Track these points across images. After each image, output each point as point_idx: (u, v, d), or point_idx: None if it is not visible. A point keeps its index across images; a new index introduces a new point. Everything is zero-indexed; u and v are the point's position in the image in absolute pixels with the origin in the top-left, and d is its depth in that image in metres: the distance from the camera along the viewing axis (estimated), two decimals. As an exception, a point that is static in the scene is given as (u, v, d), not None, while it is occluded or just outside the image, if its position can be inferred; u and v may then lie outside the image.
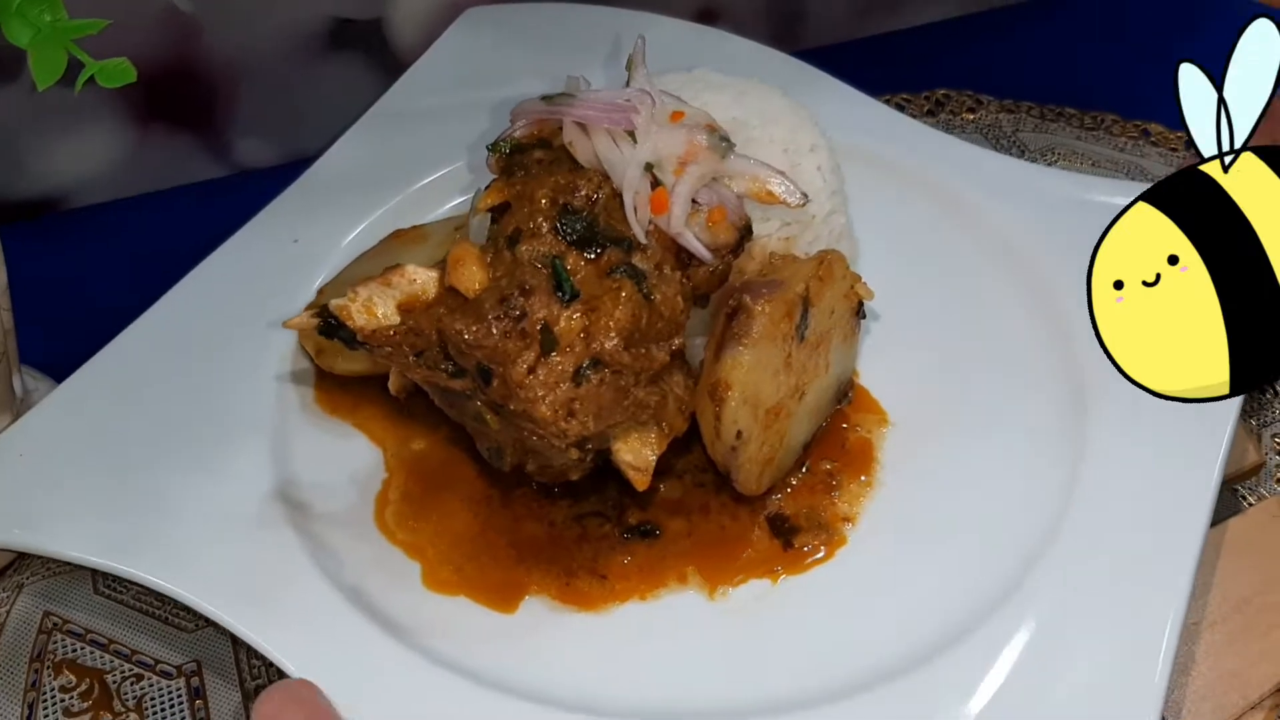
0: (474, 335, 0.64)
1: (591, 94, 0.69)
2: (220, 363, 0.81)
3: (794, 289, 0.71)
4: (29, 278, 1.02)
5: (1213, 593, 0.73)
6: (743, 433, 0.70)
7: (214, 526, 0.72)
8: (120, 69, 0.56)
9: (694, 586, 0.72)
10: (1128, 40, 1.23)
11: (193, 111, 1.07)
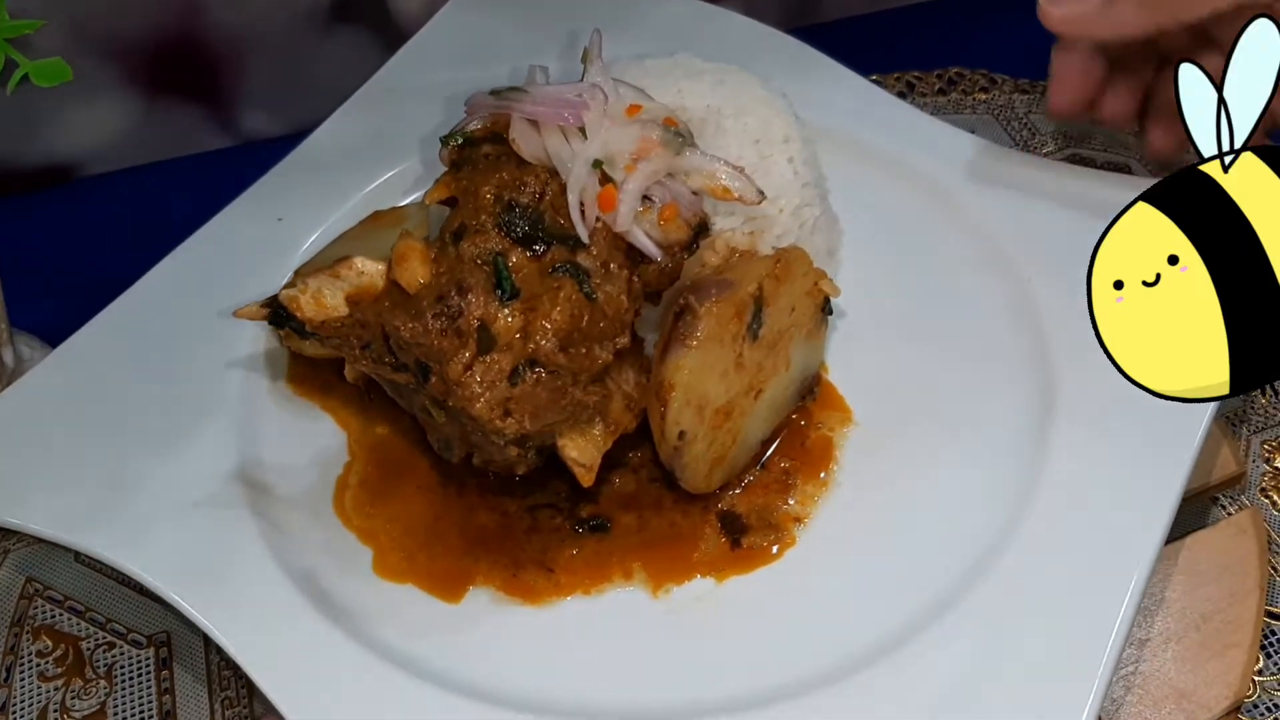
0: (411, 332, 0.65)
1: (542, 89, 0.69)
2: (196, 343, 0.82)
3: (745, 289, 0.70)
4: (40, 246, 1.05)
5: (1171, 608, 0.72)
6: (685, 433, 0.69)
7: (175, 504, 0.74)
8: (55, 68, 0.57)
9: (639, 583, 0.72)
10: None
11: (199, 83, 1.08)
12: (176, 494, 0.74)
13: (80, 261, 1.03)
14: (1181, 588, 0.72)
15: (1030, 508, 0.71)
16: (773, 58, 0.96)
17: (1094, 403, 0.74)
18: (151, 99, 1.07)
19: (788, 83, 0.91)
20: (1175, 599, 0.72)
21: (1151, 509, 0.69)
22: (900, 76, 1.10)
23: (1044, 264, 0.82)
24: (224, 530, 0.73)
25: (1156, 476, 0.70)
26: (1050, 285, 0.81)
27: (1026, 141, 1.05)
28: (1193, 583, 0.72)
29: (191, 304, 0.84)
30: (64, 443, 0.76)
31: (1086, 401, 0.75)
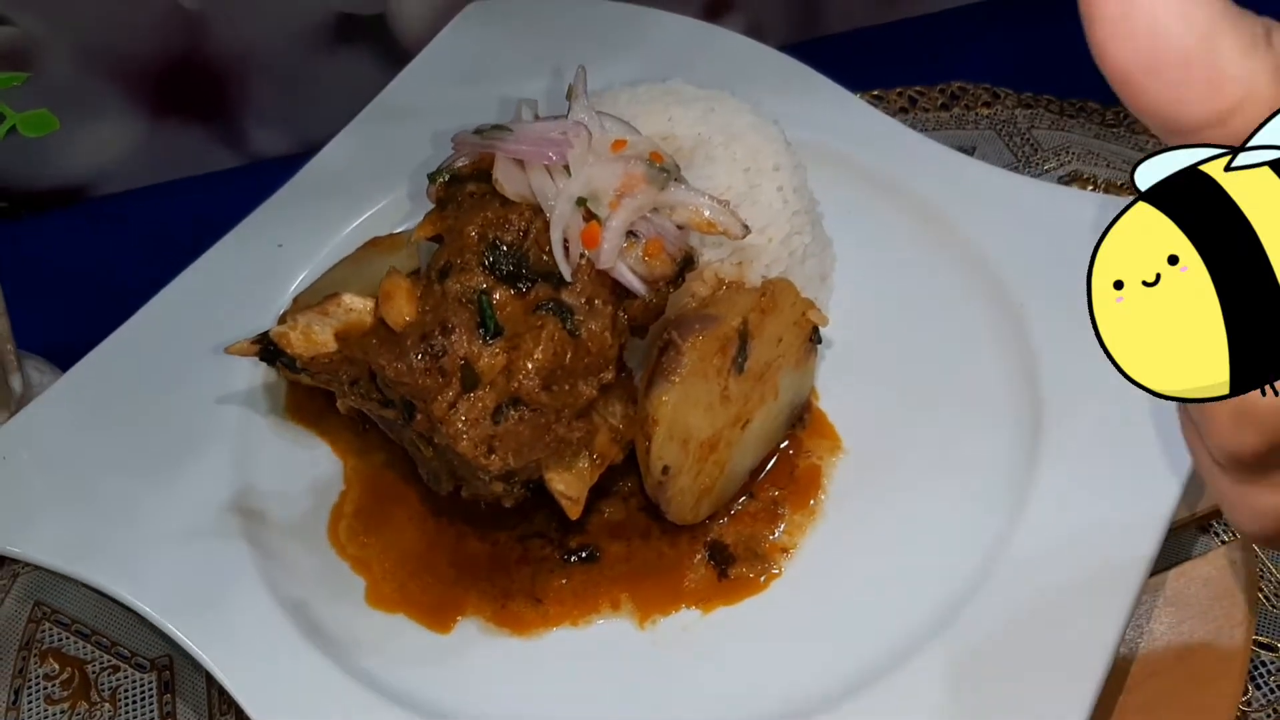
0: (395, 371, 0.66)
1: (526, 127, 0.69)
2: (196, 371, 0.83)
3: (729, 323, 0.71)
4: (52, 265, 1.07)
5: (1159, 640, 0.72)
6: (669, 468, 0.70)
7: (172, 534, 0.75)
8: (41, 119, 0.58)
9: (626, 614, 0.73)
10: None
11: (206, 104, 1.09)
12: (173, 523, 0.76)
13: (91, 280, 1.06)
14: (1170, 619, 0.72)
15: (1016, 537, 0.71)
16: (770, 77, 0.96)
17: (1081, 434, 0.74)
18: (158, 119, 1.09)
19: (784, 103, 0.91)
20: (1162, 631, 0.72)
21: (1137, 540, 0.68)
22: (903, 91, 1.10)
23: (1038, 291, 0.82)
24: (219, 560, 0.74)
25: (1142, 509, 0.70)
26: (1043, 314, 0.81)
27: (1029, 157, 1.04)
28: (1181, 615, 0.72)
29: (192, 332, 0.85)
30: (66, 472, 0.78)
31: (1074, 433, 0.75)
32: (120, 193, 1.12)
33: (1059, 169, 1.03)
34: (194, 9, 1.02)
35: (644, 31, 1.03)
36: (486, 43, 1.03)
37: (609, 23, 1.03)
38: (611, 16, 1.04)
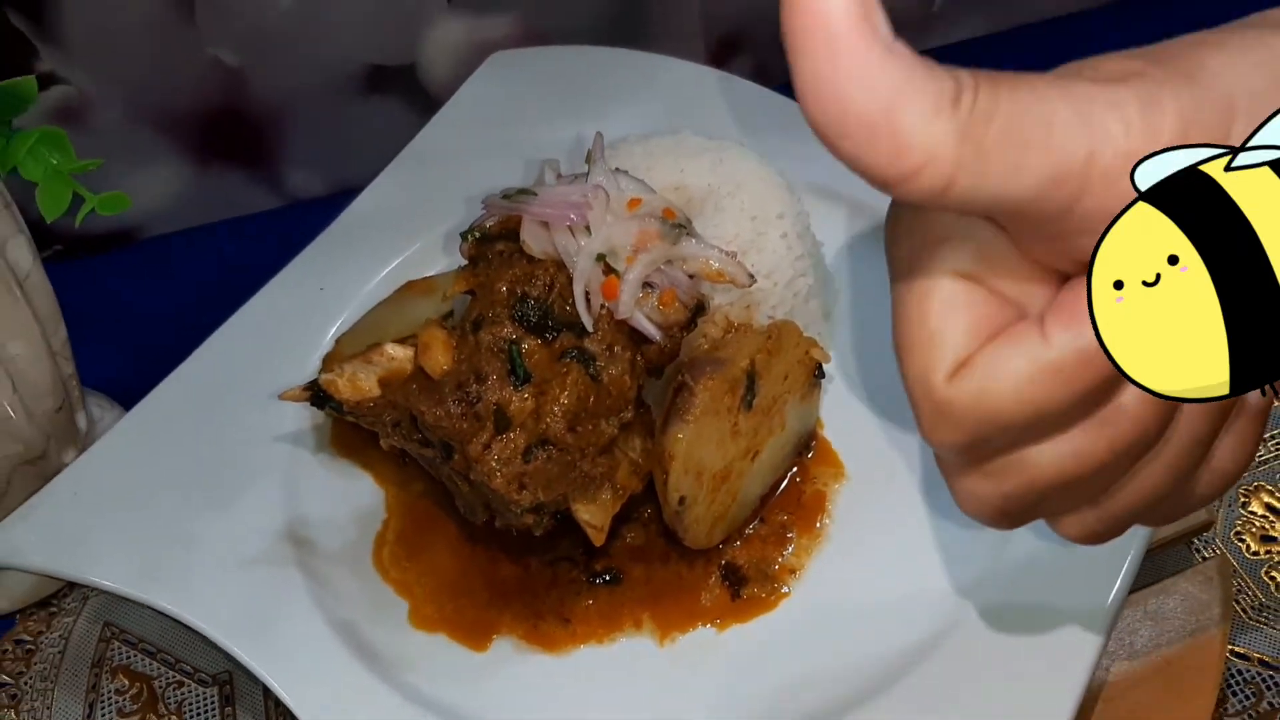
0: (434, 417, 0.72)
1: (549, 191, 0.76)
2: (248, 408, 0.90)
3: (738, 365, 0.77)
4: (103, 305, 1.14)
5: (1138, 653, 0.77)
6: (685, 499, 0.76)
7: (230, 561, 0.82)
8: (115, 199, 0.65)
9: (647, 632, 0.79)
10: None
11: (246, 150, 1.16)
12: (231, 551, 0.82)
13: (141, 317, 1.13)
14: (1148, 634, 0.78)
15: (1005, 557, 0.77)
16: (773, 120, 1.02)
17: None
18: (203, 165, 1.16)
19: (786, 145, 0.97)
20: (1141, 645, 0.78)
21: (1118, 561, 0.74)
22: (904, 126, 1.16)
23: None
24: (274, 584, 0.81)
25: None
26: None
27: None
28: (1161, 628, 0.78)
29: (244, 371, 0.92)
30: (131, 505, 0.85)
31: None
32: (168, 234, 1.19)
33: (1052, 200, 1.08)
34: (235, 64, 1.09)
35: (656, 77, 1.09)
36: (509, 90, 1.09)
37: (623, 70, 1.10)
38: (625, 63, 1.10)
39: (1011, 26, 1.28)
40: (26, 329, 0.83)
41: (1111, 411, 0.46)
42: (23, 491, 0.86)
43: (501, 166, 1.03)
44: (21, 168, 0.65)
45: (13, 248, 0.83)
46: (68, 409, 0.90)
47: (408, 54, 1.13)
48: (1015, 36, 1.28)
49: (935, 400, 0.46)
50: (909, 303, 0.50)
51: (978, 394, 0.45)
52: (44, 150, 0.64)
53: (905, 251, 0.50)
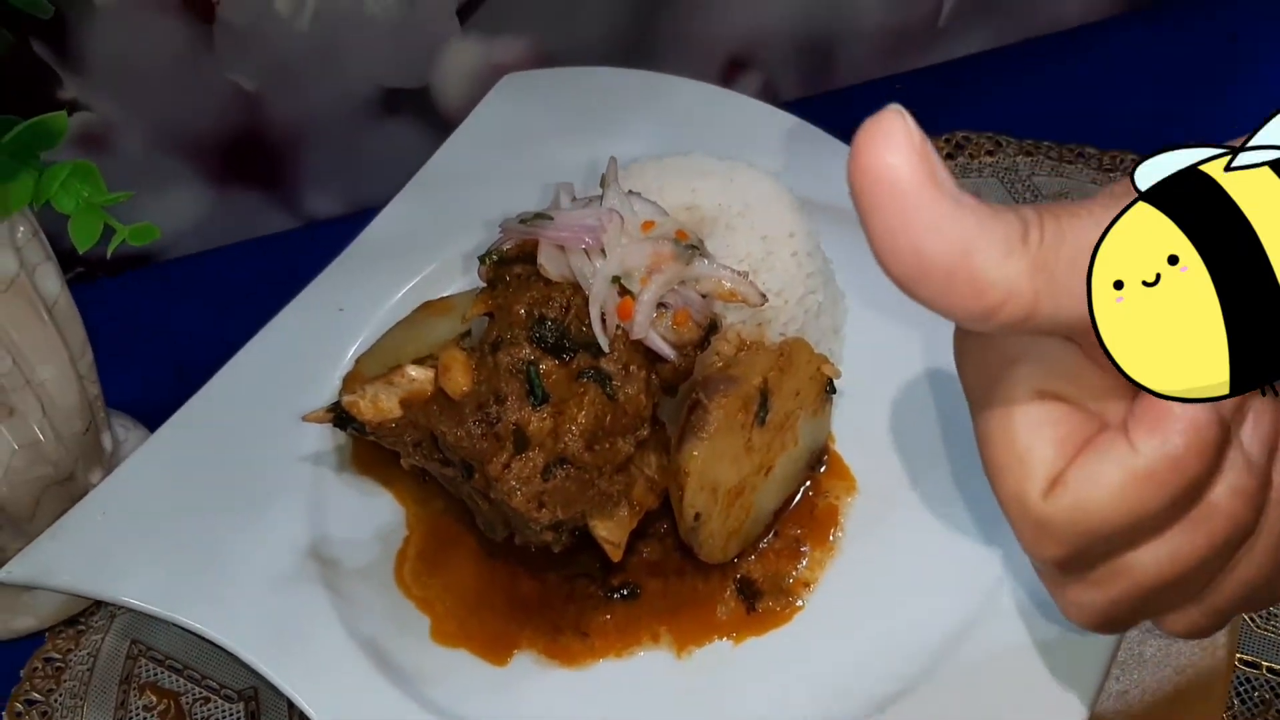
0: (455, 437, 0.74)
1: (565, 215, 0.78)
2: (270, 428, 0.92)
3: (750, 383, 0.79)
4: (126, 325, 1.16)
5: (1148, 662, 0.79)
6: (700, 514, 0.78)
7: (255, 579, 0.83)
8: (145, 230, 0.67)
9: (665, 645, 0.81)
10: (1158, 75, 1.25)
11: (265, 172, 1.18)
12: (256, 569, 0.84)
13: (164, 339, 1.14)
14: (1157, 643, 0.79)
15: (1015, 570, 0.79)
16: (782, 138, 1.04)
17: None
18: (223, 187, 1.18)
19: (795, 163, 1.00)
20: (1151, 654, 0.79)
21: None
22: (911, 142, 1.17)
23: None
24: (298, 601, 0.83)
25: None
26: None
27: (1029, 203, 1.11)
28: (1168, 638, 0.79)
29: (266, 392, 0.94)
30: (158, 525, 0.86)
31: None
32: (189, 255, 1.21)
33: (1058, 214, 1.10)
34: (253, 89, 1.11)
35: (666, 97, 1.11)
36: (522, 111, 1.11)
37: (633, 90, 1.12)
38: (636, 84, 1.12)
39: (1017, 40, 1.30)
40: (55, 353, 0.85)
41: (1204, 509, 0.48)
42: (51, 512, 0.88)
43: (515, 187, 1.04)
44: (55, 201, 0.67)
45: (41, 274, 0.85)
46: (94, 430, 0.92)
47: (421, 77, 1.15)
48: (1021, 50, 1.30)
49: (1034, 518, 0.48)
50: (993, 425, 0.51)
51: (1074, 507, 0.47)
52: (76, 184, 0.66)
53: (980, 377, 0.52)
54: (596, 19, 1.16)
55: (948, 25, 1.26)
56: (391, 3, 1.09)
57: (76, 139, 1.09)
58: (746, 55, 1.23)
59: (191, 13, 1.05)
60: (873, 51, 1.25)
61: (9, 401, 0.82)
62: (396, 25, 1.11)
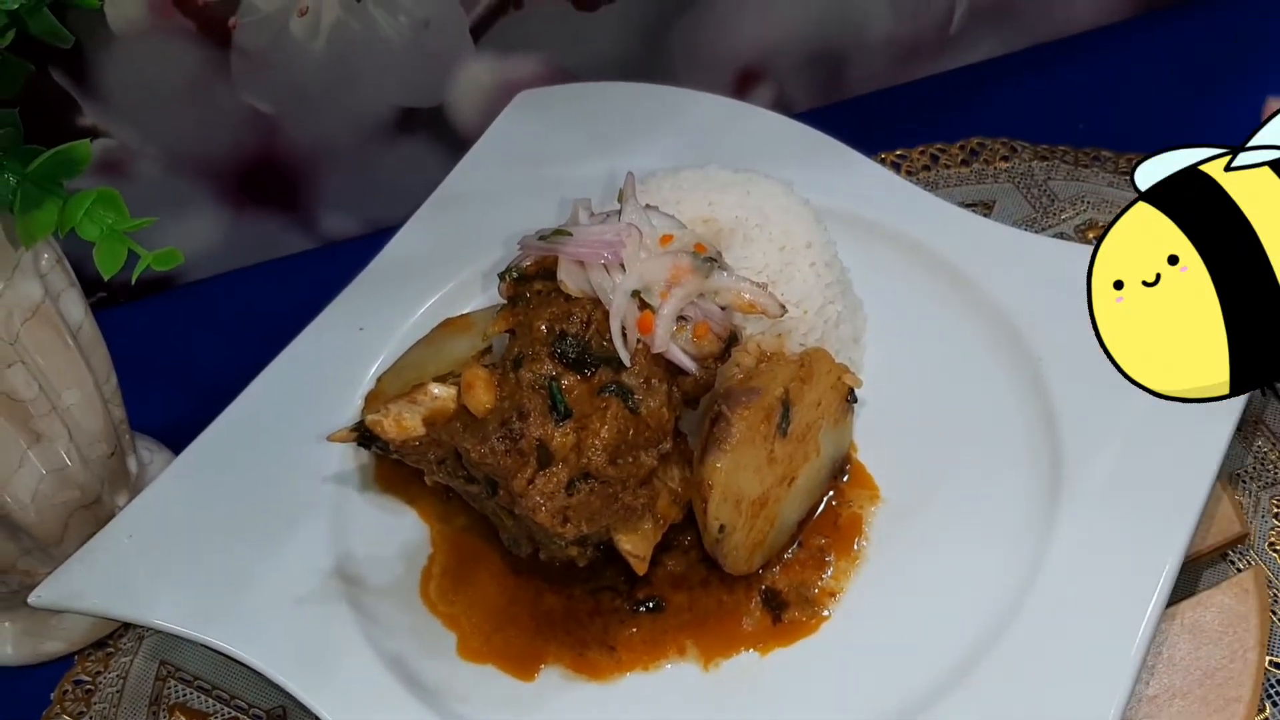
0: (479, 454, 0.74)
1: (584, 230, 0.78)
2: (293, 449, 0.92)
3: (772, 394, 0.79)
4: (149, 348, 1.17)
5: (1177, 666, 0.78)
6: (725, 526, 0.78)
7: (282, 599, 0.84)
8: (169, 255, 0.68)
9: (691, 658, 0.81)
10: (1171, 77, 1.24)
11: (282, 194, 1.19)
12: (283, 589, 0.84)
13: (185, 361, 1.15)
14: (1186, 646, 0.79)
15: (1042, 576, 0.79)
16: (797, 149, 1.05)
17: (1099, 476, 0.82)
18: (240, 210, 1.19)
19: (811, 173, 1.00)
20: (1180, 657, 0.78)
21: (1151, 576, 0.76)
22: (925, 150, 1.18)
23: (1054, 343, 0.89)
24: (325, 620, 0.83)
25: (1159, 544, 0.77)
26: (1058, 364, 0.88)
27: (1046, 208, 1.11)
28: (1197, 641, 0.79)
29: (289, 413, 0.94)
30: (184, 547, 0.87)
31: (1092, 475, 0.82)
32: (209, 278, 1.22)
33: (1074, 218, 1.10)
34: (270, 111, 1.12)
35: (680, 110, 1.11)
36: (536, 128, 1.11)
37: (647, 104, 1.12)
38: (649, 98, 1.12)
39: (1026, 46, 1.30)
40: (80, 379, 0.86)
41: None
42: (79, 536, 0.88)
43: (532, 203, 1.05)
44: (80, 229, 0.68)
45: (65, 301, 0.86)
46: (120, 454, 0.93)
47: (436, 96, 1.16)
48: (1033, 55, 1.30)
49: None
50: None
51: None
52: (100, 211, 0.67)
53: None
54: (609, 35, 1.16)
55: (958, 33, 1.27)
56: (405, 23, 1.10)
57: (97, 165, 1.10)
58: (759, 67, 1.23)
59: (207, 38, 1.06)
60: (885, 60, 1.26)
61: (36, 427, 0.83)
62: (411, 45, 1.11)
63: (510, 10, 1.12)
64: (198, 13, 1.04)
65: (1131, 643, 0.73)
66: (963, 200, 1.12)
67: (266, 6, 1.05)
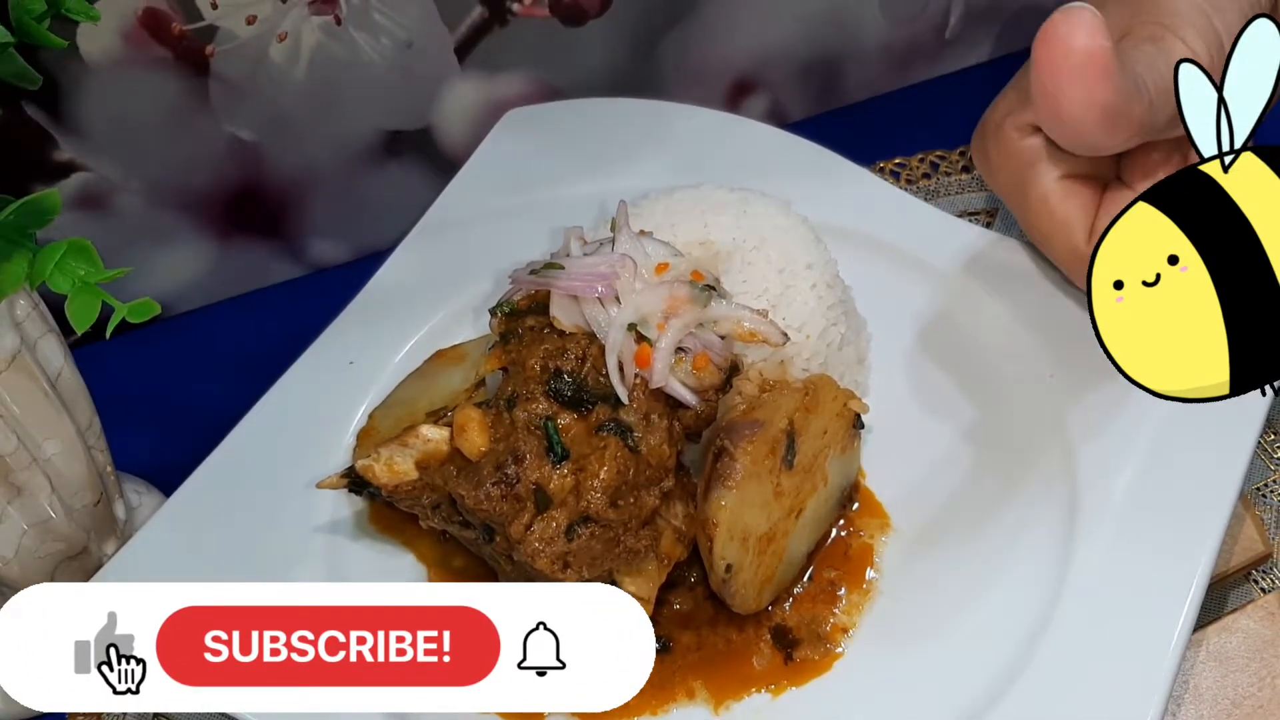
0: (474, 500, 0.72)
1: (577, 263, 0.75)
2: (285, 489, 0.90)
3: (776, 425, 0.76)
4: (134, 384, 1.14)
5: (1204, 696, 0.76)
6: (732, 566, 0.75)
7: (278, 651, 0.81)
8: (144, 306, 0.65)
9: (701, 700, 0.78)
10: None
11: (267, 222, 1.16)
12: (278, 639, 0.82)
13: (173, 397, 1.12)
14: (1212, 675, 0.76)
15: (1061, 607, 0.76)
16: (792, 163, 1.02)
17: (1115, 498, 0.79)
18: (225, 240, 1.16)
19: (807, 187, 0.97)
20: (1207, 687, 0.76)
21: (1175, 602, 0.73)
22: (924, 157, 1.15)
23: (1061, 357, 0.86)
24: (322, 671, 0.80)
25: (1180, 569, 0.74)
26: (1068, 378, 0.85)
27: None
28: (1223, 669, 0.76)
29: (279, 451, 0.91)
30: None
31: (1110, 496, 0.79)
32: (195, 309, 1.19)
33: (1080, 225, 1.07)
34: (252, 139, 1.09)
35: (672, 125, 1.08)
36: (526, 147, 1.09)
37: (638, 119, 1.09)
38: (640, 113, 1.10)
39: (1021, 49, 1.26)
40: (61, 427, 0.83)
41: None
42: (66, 588, 0.85)
43: (522, 227, 1.02)
44: (50, 282, 0.65)
45: (43, 347, 0.83)
46: (105, 501, 0.90)
47: (422, 117, 1.13)
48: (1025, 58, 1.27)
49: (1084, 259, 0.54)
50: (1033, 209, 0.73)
51: None
52: (71, 262, 0.64)
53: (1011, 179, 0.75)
54: (597, 49, 1.13)
55: (954, 37, 1.24)
56: (388, 45, 1.07)
57: (75, 199, 1.07)
58: (752, 77, 1.20)
59: (185, 67, 1.03)
60: (881, 66, 1.23)
61: (16, 480, 0.80)
62: (394, 67, 1.08)
63: (495, 28, 1.09)
64: (174, 42, 1.01)
65: (1158, 675, 0.71)
66: (964, 208, 1.09)
67: (244, 33, 1.02)
